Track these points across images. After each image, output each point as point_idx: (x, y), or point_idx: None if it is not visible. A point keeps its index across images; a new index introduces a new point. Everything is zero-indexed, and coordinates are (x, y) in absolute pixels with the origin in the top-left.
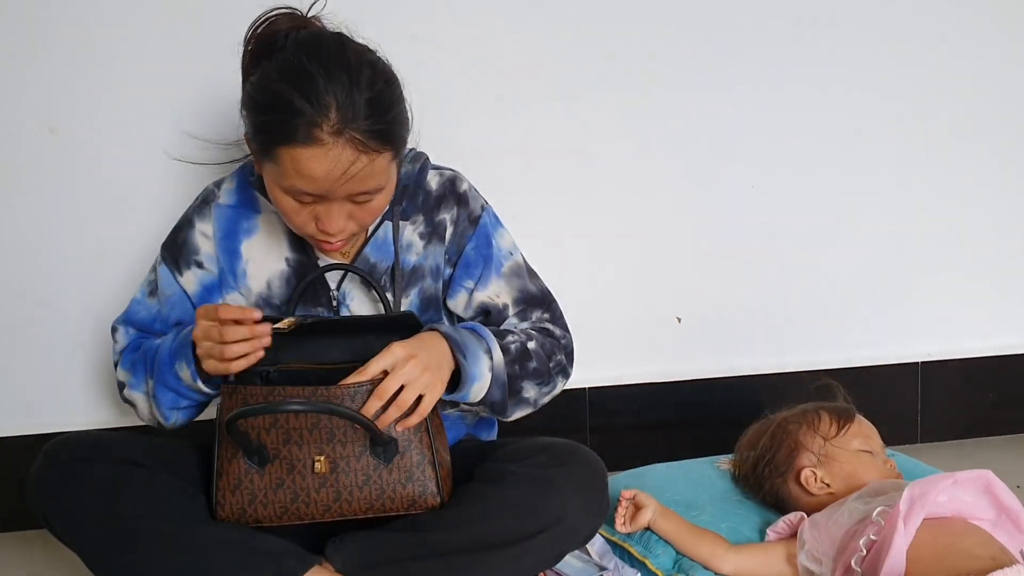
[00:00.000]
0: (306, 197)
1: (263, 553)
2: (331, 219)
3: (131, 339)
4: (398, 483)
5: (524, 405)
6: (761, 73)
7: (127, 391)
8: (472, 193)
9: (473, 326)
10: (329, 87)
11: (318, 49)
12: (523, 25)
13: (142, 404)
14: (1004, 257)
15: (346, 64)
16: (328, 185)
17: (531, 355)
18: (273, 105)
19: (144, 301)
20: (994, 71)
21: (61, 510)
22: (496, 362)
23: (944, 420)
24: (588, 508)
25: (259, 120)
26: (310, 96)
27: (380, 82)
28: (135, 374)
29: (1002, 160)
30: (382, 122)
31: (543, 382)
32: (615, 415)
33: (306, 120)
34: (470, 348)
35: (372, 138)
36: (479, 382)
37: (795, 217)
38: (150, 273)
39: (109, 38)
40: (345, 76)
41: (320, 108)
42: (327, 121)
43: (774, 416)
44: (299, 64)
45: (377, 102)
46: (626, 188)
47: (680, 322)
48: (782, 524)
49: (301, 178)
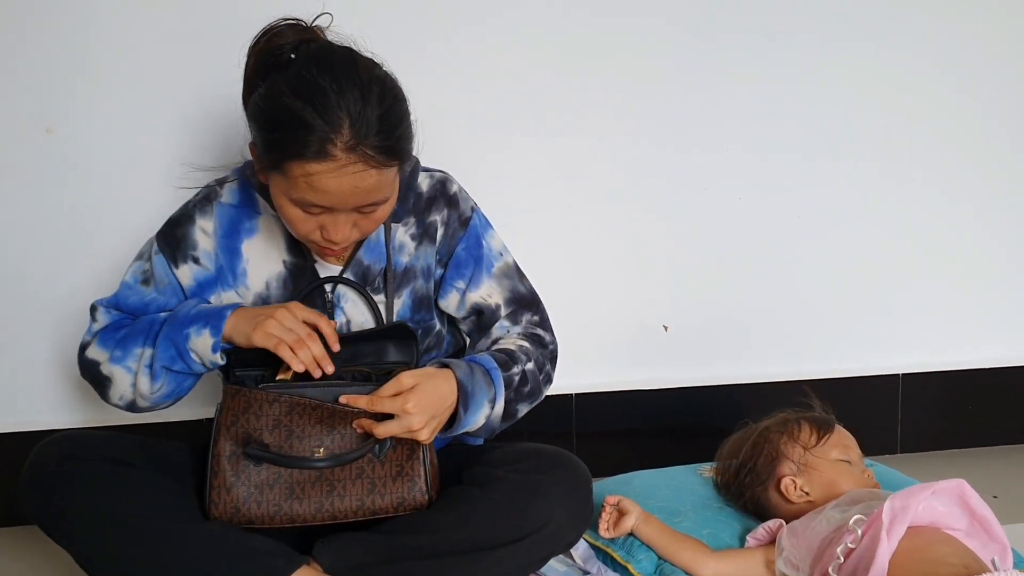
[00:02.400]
0: (314, 209)
1: (251, 552)
2: (337, 229)
3: (113, 319)
4: (388, 477)
5: (510, 422)
6: (751, 88)
7: (105, 366)
8: (462, 194)
9: (489, 367)
10: (342, 102)
11: (330, 63)
12: (512, 31)
13: (122, 379)
14: (984, 271)
15: (358, 79)
16: (339, 199)
17: (527, 378)
18: (285, 120)
19: (136, 287)
20: (976, 87)
21: (52, 509)
22: (495, 412)
23: (923, 431)
24: (573, 513)
25: (270, 135)
26: (323, 111)
27: (390, 98)
28: (122, 347)
29: (983, 176)
30: (392, 137)
31: (534, 399)
32: (601, 422)
33: (319, 136)
34: (476, 399)
35: (383, 153)
36: (470, 427)
37: (780, 229)
38: (142, 262)
39: (104, 39)
40: (357, 91)
41: (333, 124)
42: (340, 137)
43: (756, 425)
44: (311, 78)
45: (387, 118)
46: (613, 198)
47: (667, 331)
48: (762, 531)
49: (312, 192)
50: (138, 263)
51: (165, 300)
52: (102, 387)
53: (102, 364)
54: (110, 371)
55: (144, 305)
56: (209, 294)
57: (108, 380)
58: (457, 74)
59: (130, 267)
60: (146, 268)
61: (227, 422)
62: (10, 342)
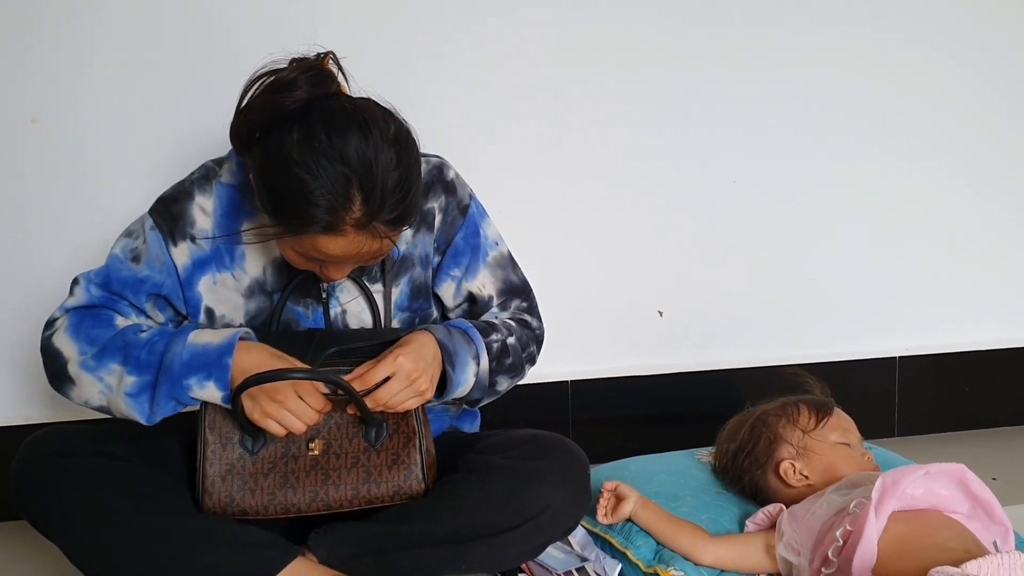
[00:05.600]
0: (315, 259)
1: (246, 544)
2: (338, 272)
3: (94, 300)
4: (384, 465)
5: (492, 396)
6: (745, 69)
7: (72, 367)
8: (459, 181)
9: (465, 327)
10: (355, 179)
11: (344, 133)
12: (510, 19)
13: (91, 389)
14: (980, 254)
15: (373, 150)
16: (344, 258)
17: (509, 352)
18: (294, 192)
19: (126, 263)
20: (974, 73)
21: (43, 504)
22: (482, 368)
23: (921, 413)
24: (570, 498)
25: (277, 201)
26: (336, 189)
27: (404, 165)
28: (98, 357)
29: (979, 159)
30: (403, 207)
31: (515, 375)
32: (597, 408)
33: (329, 216)
34: (460, 356)
35: (394, 224)
36: (462, 387)
37: (776, 213)
38: (131, 240)
39: (90, 28)
40: (373, 164)
41: (345, 202)
42: (351, 214)
43: (754, 409)
44: (322, 150)
45: (400, 188)
46: (608, 183)
47: (662, 316)
48: (761, 515)
49: (317, 251)
50: (126, 239)
51: (159, 279)
52: (60, 381)
53: (69, 363)
54: (77, 375)
55: (138, 282)
56: (202, 275)
57: (71, 381)
58: (454, 61)
59: (118, 242)
60: (135, 246)
61: (219, 410)
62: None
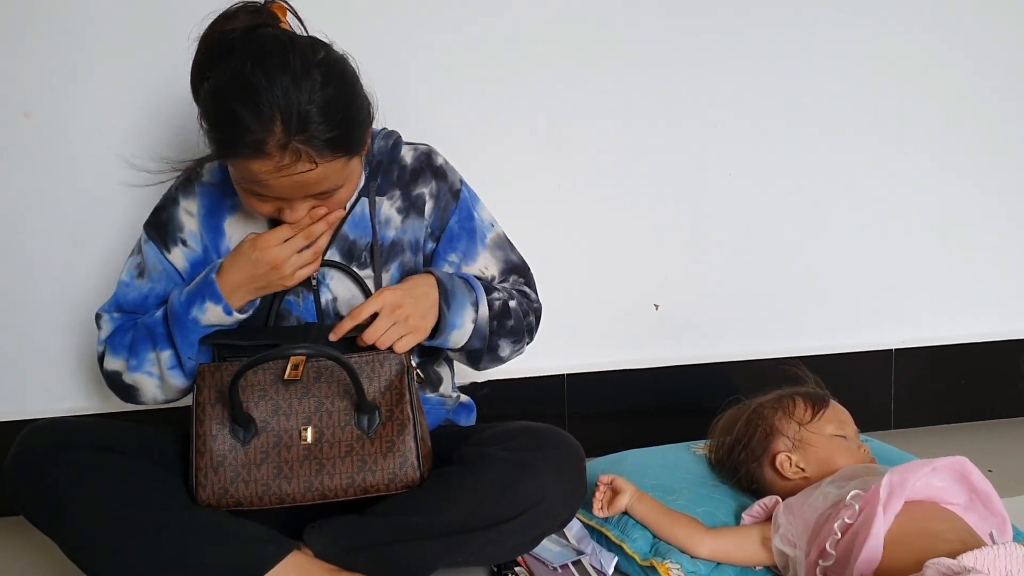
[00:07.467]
0: (266, 196)
1: (242, 538)
2: (294, 213)
3: (118, 323)
4: (379, 454)
5: (496, 360)
6: (740, 62)
7: (127, 376)
8: (449, 167)
9: (468, 277)
10: (272, 99)
11: (263, 56)
12: (504, 12)
13: (148, 384)
14: (976, 246)
15: (291, 71)
16: (285, 192)
17: (511, 313)
18: (221, 118)
19: (133, 283)
20: (969, 67)
21: (39, 498)
22: (480, 315)
23: (917, 406)
24: (566, 490)
25: (212, 131)
26: (253, 109)
27: (331, 86)
28: (135, 355)
29: (975, 153)
30: (333, 129)
31: (516, 340)
32: (593, 401)
33: (252, 136)
34: (457, 298)
35: (322, 146)
36: (458, 331)
37: (771, 206)
38: (134, 256)
39: (82, 23)
40: (290, 84)
41: (264, 122)
42: (272, 135)
43: (750, 402)
44: (243, 73)
45: (327, 109)
46: (604, 176)
47: (657, 309)
48: (757, 508)
49: (258, 185)
50: (132, 259)
51: (162, 288)
52: (129, 395)
53: (123, 374)
54: (133, 380)
55: (143, 299)
56: (199, 274)
57: (134, 388)
58: (451, 51)
59: (125, 264)
60: (139, 261)
61: (210, 400)
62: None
